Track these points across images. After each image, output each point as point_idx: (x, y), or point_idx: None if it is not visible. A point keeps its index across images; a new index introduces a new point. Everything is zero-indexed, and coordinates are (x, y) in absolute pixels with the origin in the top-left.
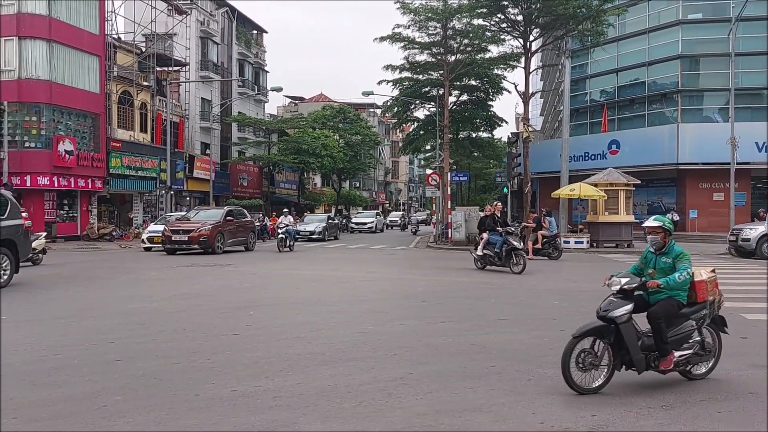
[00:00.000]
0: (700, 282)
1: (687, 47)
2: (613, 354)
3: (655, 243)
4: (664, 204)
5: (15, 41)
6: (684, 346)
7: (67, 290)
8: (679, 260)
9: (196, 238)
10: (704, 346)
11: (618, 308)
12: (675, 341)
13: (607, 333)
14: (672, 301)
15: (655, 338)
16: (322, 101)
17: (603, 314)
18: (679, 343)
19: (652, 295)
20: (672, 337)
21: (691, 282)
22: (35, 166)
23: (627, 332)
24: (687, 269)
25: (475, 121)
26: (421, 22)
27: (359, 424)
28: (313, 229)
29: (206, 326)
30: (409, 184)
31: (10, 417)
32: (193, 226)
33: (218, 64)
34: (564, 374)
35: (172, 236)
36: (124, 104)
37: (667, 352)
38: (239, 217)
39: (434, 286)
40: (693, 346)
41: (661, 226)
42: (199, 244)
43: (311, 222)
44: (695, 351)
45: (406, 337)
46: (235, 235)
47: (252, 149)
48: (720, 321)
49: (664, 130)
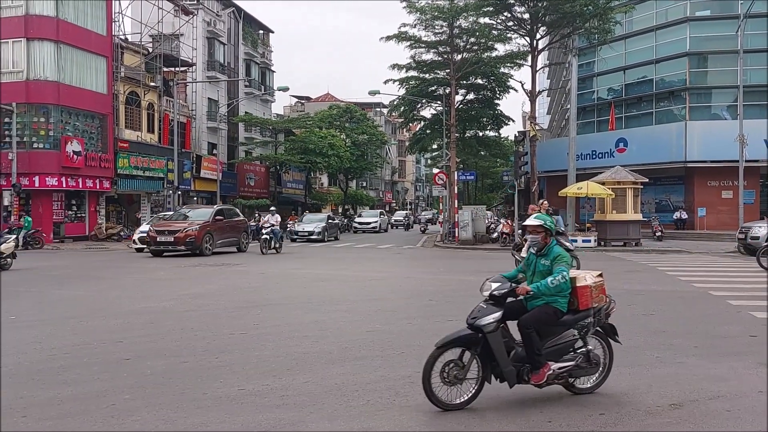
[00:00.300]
0: (583, 287)
1: (695, 44)
2: (483, 365)
3: (536, 244)
4: (672, 202)
5: (23, 43)
6: (564, 358)
7: (77, 290)
8: (557, 263)
9: (183, 239)
10: (589, 357)
11: (485, 316)
12: (553, 352)
13: (475, 343)
14: (548, 309)
15: (526, 349)
16: (329, 101)
17: (471, 322)
18: (558, 354)
19: (529, 302)
20: (549, 347)
21: (573, 287)
22: (44, 167)
23: (495, 342)
24: (563, 273)
25: (481, 119)
26: (428, 21)
27: (367, 422)
28: (311, 229)
29: (214, 325)
30: (416, 184)
31: (20, 416)
32: (179, 227)
33: (225, 65)
34: (425, 388)
35: (157, 237)
36: (132, 105)
37: (539, 364)
38: (230, 216)
39: (442, 285)
40: (575, 358)
41: (542, 225)
42: (186, 245)
43: (310, 222)
44: (578, 363)
45: (414, 335)
46: (226, 235)
47: (259, 149)
48: (610, 329)
49: (672, 127)
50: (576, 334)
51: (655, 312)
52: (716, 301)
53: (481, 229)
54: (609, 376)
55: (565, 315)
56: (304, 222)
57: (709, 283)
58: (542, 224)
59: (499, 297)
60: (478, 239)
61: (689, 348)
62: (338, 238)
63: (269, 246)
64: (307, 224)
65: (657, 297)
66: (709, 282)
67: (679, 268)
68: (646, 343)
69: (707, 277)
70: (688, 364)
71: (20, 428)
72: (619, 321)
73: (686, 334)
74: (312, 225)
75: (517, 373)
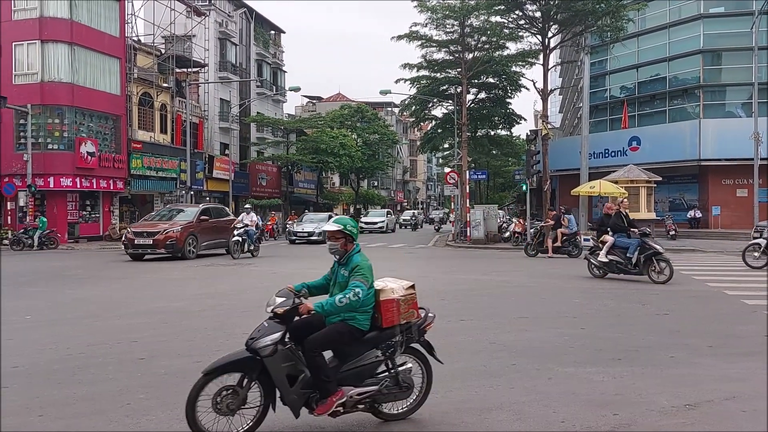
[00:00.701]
0: (388, 302)
1: (709, 42)
2: (266, 391)
3: (335, 251)
4: (686, 201)
5: (38, 45)
6: (367, 382)
7: (92, 290)
8: (354, 275)
9: (162, 242)
10: (398, 380)
11: (263, 337)
12: (352, 375)
13: (252, 367)
14: (342, 327)
15: (311, 373)
16: (340, 100)
17: (249, 344)
18: (358, 377)
19: (327, 318)
20: (348, 370)
21: (377, 302)
22: (58, 168)
23: (273, 367)
24: (355, 289)
25: (493, 118)
26: (439, 20)
27: (379, 422)
28: (311, 229)
29: (228, 325)
30: (428, 183)
31: (37, 415)
32: (158, 228)
33: (236, 65)
34: (188, 420)
35: (135, 239)
36: (145, 106)
37: (328, 391)
38: (218, 215)
39: (454, 284)
40: (380, 382)
41: (341, 230)
42: (166, 248)
43: (311, 222)
44: (383, 387)
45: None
46: (212, 236)
47: (270, 149)
48: (427, 346)
49: (686, 125)
50: (380, 354)
51: (669, 312)
52: (731, 300)
53: (492, 228)
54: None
55: (367, 333)
56: (303, 222)
57: (724, 283)
58: (341, 229)
59: (283, 314)
60: (490, 238)
61: (704, 348)
62: None
63: (242, 249)
64: (307, 224)
65: (671, 296)
66: (723, 281)
67: (693, 268)
68: (660, 343)
69: (722, 277)
70: (702, 364)
71: (37, 427)
72: (633, 321)
73: (701, 334)
74: (312, 225)
75: (306, 400)
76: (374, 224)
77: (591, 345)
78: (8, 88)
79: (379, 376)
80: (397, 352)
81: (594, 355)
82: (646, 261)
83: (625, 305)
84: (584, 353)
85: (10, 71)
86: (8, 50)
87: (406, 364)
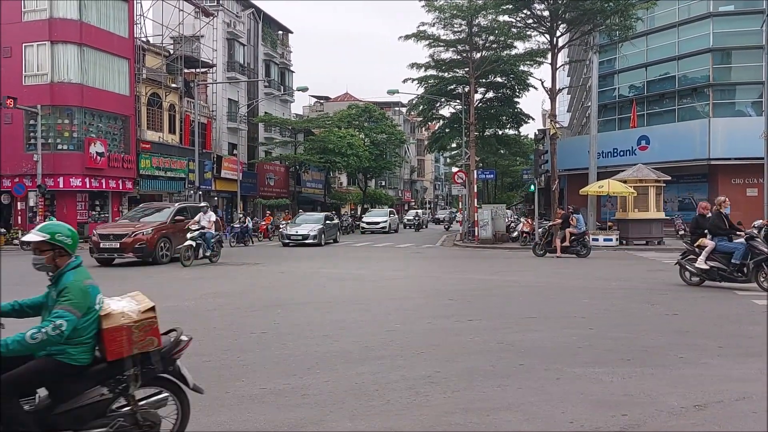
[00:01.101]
0: (114, 330)
1: (718, 40)
2: None
3: (41, 267)
4: (695, 200)
5: (47, 46)
6: (93, 423)
7: (102, 289)
8: (61, 301)
9: (130, 245)
10: (137, 419)
11: None
12: (70, 418)
13: None
14: (45, 364)
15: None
16: (348, 100)
17: None
18: (78, 420)
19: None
20: (64, 412)
21: (100, 330)
22: (68, 168)
23: None
24: (56, 321)
25: (501, 118)
26: (446, 20)
27: (387, 422)
28: (306, 232)
29: (236, 325)
30: (435, 183)
31: None
32: (126, 230)
33: (244, 65)
34: None
35: (100, 243)
36: (153, 106)
37: None
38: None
39: (462, 284)
40: (112, 422)
41: (46, 240)
42: (135, 252)
43: (304, 223)
44: (117, 427)
45: (434, 335)
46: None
47: (278, 149)
48: (179, 376)
49: (695, 125)
50: (107, 392)
51: (678, 312)
52: (741, 300)
53: (501, 228)
54: None
55: (90, 367)
56: (297, 222)
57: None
58: (46, 239)
59: None
60: (498, 238)
61: (714, 348)
62: (337, 241)
63: (196, 255)
64: (301, 226)
65: (681, 296)
66: None
67: None
68: (670, 344)
69: None
70: (712, 364)
71: None
72: (641, 321)
73: (710, 335)
74: (307, 227)
75: None
76: (376, 224)
77: (599, 345)
78: (18, 89)
79: (111, 415)
80: (132, 388)
81: (602, 355)
82: (756, 267)
83: (633, 305)
84: (593, 353)
85: (20, 72)
86: (18, 51)
87: (153, 397)
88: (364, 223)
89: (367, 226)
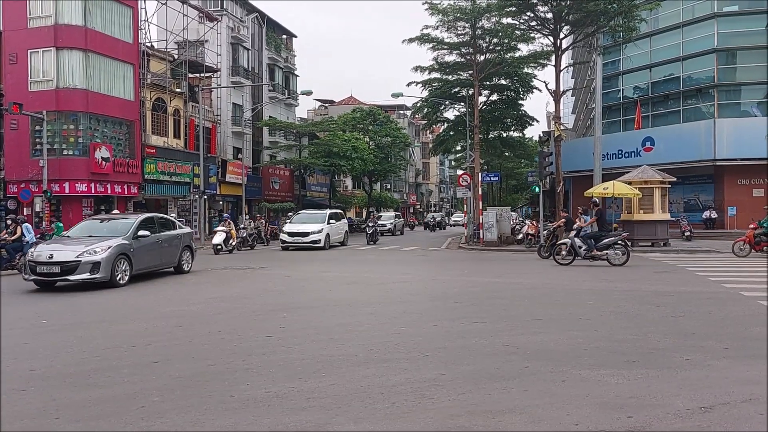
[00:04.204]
0: None
1: (723, 41)
2: None
3: None
4: (701, 201)
5: (53, 52)
6: None
7: (108, 294)
8: None
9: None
10: None
11: None
12: None
13: None
14: None
15: None
16: (352, 104)
17: None
18: None
19: None
20: None
21: None
22: (73, 173)
23: None
24: None
25: (505, 120)
26: (450, 23)
27: (392, 425)
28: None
29: (241, 328)
30: (440, 185)
31: (53, 417)
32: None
33: (249, 69)
34: None
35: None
36: (158, 111)
37: None
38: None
39: (467, 286)
40: None
41: None
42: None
43: (303, 223)
44: None
45: (439, 338)
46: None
47: (283, 153)
48: None
49: (700, 125)
50: None
51: (684, 313)
52: (748, 302)
53: (506, 230)
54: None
55: None
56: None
57: (740, 284)
58: None
59: None
60: (503, 241)
61: (720, 350)
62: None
63: None
64: (299, 226)
65: (686, 298)
66: (740, 282)
67: (709, 269)
68: (676, 345)
69: (738, 278)
70: (718, 366)
71: (54, 429)
72: (647, 323)
73: (717, 336)
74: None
75: None
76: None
77: (605, 347)
78: (24, 95)
79: None
80: None
81: (608, 357)
82: None
83: (639, 307)
84: (598, 355)
85: (25, 78)
86: (24, 58)
87: None
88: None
89: None
